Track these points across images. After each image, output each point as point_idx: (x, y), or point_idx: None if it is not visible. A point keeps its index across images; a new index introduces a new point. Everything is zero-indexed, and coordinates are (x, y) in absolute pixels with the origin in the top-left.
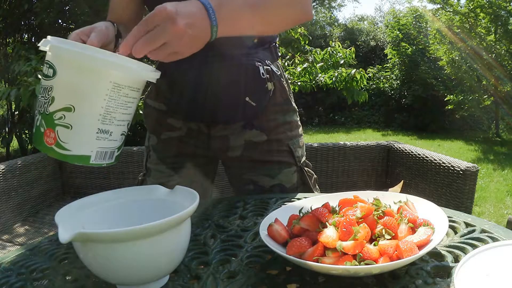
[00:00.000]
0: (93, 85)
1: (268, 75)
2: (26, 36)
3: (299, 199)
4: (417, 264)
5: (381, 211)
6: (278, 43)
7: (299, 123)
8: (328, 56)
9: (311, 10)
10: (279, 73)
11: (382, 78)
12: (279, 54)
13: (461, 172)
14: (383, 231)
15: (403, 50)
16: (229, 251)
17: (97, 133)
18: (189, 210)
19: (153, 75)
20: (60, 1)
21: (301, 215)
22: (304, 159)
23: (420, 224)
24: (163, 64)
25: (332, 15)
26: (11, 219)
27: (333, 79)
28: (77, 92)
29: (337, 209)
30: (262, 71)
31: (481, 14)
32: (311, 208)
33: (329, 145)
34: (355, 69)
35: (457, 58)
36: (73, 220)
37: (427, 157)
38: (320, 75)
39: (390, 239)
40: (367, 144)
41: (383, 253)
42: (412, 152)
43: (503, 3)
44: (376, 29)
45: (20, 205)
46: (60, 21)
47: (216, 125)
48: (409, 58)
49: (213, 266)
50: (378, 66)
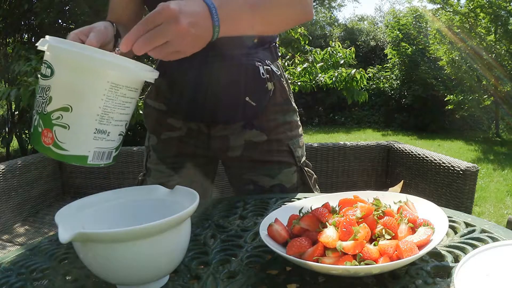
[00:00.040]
0: (91, 85)
1: (268, 75)
2: (26, 36)
3: (299, 199)
4: (417, 264)
5: (381, 211)
6: (278, 43)
7: (299, 123)
8: (328, 56)
9: (312, 10)
10: (279, 73)
11: (382, 78)
12: (279, 54)
13: (461, 172)
14: (383, 231)
15: (403, 50)
16: (229, 251)
17: (94, 133)
18: (189, 210)
19: (151, 75)
20: (60, 1)
21: (301, 215)
22: (304, 159)
23: (420, 224)
24: (163, 64)
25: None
26: (11, 219)
27: (333, 79)
28: (75, 92)
29: (337, 209)
30: (262, 71)
31: (481, 14)
32: (311, 208)
33: (329, 145)
34: (355, 69)
35: (457, 58)
36: (73, 220)
37: (427, 157)
38: (320, 75)
39: (390, 239)
40: (367, 144)
41: (383, 253)
42: (412, 152)
43: (503, 3)
44: (376, 29)
45: (20, 205)
46: (60, 21)
47: (216, 125)
48: (409, 58)
49: (213, 266)
50: (378, 66)
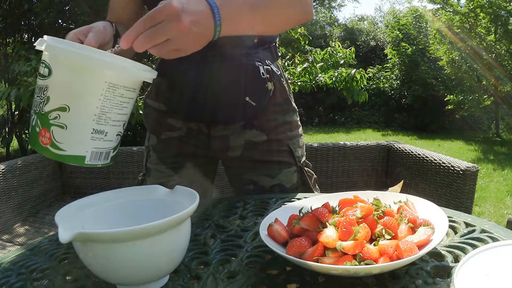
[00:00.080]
0: (88, 85)
1: (268, 75)
2: (26, 36)
3: (299, 199)
4: (417, 264)
5: (381, 211)
6: (278, 43)
7: (299, 123)
8: (328, 56)
9: (312, 10)
10: (279, 73)
11: (382, 78)
12: (279, 54)
13: (461, 172)
14: (383, 231)
15: (403, 50)
16: (229, 251)
17: (92, 133)
18: (189, 210)
19: (149, 75)
20: (60, 1)
21: (301, 215)
22: (304, 159)
23: (420, 224)
24: (163, 64)
25: (332, 15)
26: (11, 219)
27: (333, 79)
28: (72, 92)
29: (337, 209)
30: (262, 71)
31: (481, 14)
32: (311, 208)
33: (329, 145)
34: (355, 69)
35: (457, 58)
36: (73, 220)
37: (427, 157)
38: (320, 75)
39: (390, 239)
40: (367, 144)
41: (383, 253)
42: (412, 152)
43: (503, 3)
44: (376, 29)
45: (20, 205)
46: (60, 21)
47: (216, 125)
48: (409, 58)
49: (213, 266)
50: (378, 66)
